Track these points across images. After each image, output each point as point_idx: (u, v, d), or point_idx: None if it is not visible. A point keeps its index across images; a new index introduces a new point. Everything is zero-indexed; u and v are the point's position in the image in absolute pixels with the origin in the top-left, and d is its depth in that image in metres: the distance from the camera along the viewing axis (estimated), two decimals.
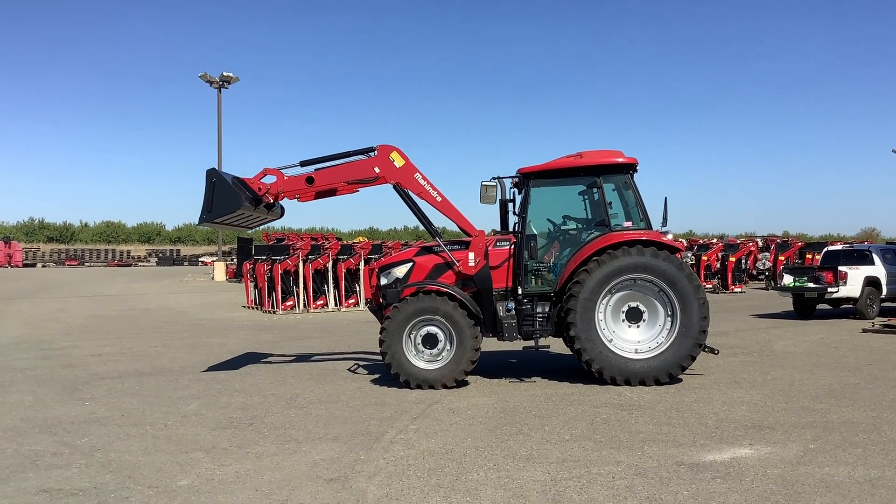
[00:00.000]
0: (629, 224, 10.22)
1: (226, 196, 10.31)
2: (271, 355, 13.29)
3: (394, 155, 10.57)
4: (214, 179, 10.34)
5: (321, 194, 10.92)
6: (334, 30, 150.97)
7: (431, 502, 5.35)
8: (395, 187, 10.62)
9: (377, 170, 10.56)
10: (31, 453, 6.79)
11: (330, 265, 23.74)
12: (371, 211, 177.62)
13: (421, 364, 9.79)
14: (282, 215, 11.64)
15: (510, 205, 10.48)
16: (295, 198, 10.80)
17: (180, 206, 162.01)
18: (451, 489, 5.63)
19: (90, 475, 6.10)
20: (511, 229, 10.60)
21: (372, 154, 10.62)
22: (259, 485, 5.79)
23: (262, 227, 13.33)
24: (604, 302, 9.82)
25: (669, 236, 10.28)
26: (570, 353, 10.43)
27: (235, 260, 45.43)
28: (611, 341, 9.78)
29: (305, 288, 23.27)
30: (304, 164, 10.75)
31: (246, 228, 12.62)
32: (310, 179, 10.64)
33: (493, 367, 11.49)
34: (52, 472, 6.20)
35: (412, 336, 9.82)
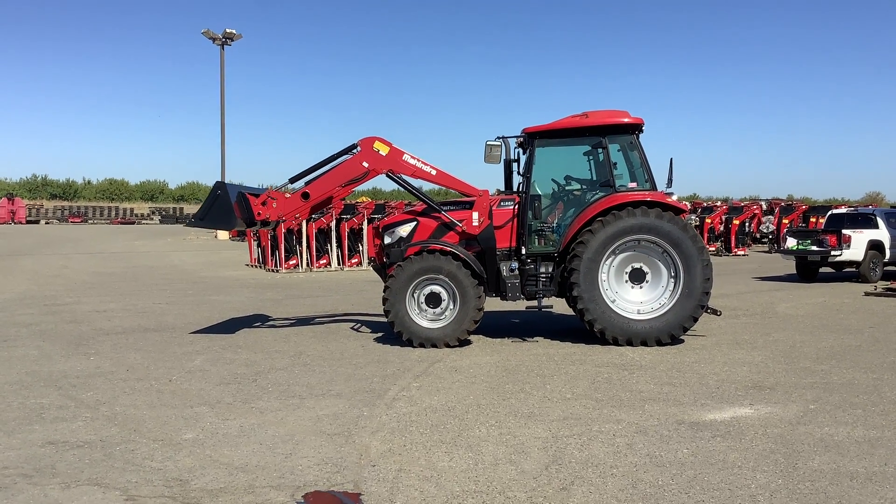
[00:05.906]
0: (634, 185, 10.15)
1: (223, 214, 10.31)
2: (275, 313, 13.35)
3: (377, 144, 10.44)
4: (219, 193, 10.29)
5: (318, 206, 10.96)
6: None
7: (434, 457, 5.40)
8: (388, 175, 10.54)
9: (366, 164, 10.44)
10: (36, 406, 6.85)
11: (333, 224, 23.72)
12: None
13: (424, 323, 9.83)
14: (276, 227, 11.60)
15: (515, 165, 10.41)
16: (295, 217, 10.78)
17: (183, 164, 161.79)
18: (454, 445, 5.69)
19: (95, 428, 6.16)
20: (515, 189, 10.54)
21: (356, 151, 10.50)
22: (263, 439, 5.84)
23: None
24: (607, 263, 9.81)
25: (674, 198, 10.21)
26: (573, 313, 10.46)
27: None
28: (614, 302, 9.79)
29: (309, 247, 23.29)
30: (292, 180, 10.72)
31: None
32: (305, 195, 10.53)
33: (495, 326, 11.53)
34: (58, 424, 6.27)
35: (415, 295, 9.83)
